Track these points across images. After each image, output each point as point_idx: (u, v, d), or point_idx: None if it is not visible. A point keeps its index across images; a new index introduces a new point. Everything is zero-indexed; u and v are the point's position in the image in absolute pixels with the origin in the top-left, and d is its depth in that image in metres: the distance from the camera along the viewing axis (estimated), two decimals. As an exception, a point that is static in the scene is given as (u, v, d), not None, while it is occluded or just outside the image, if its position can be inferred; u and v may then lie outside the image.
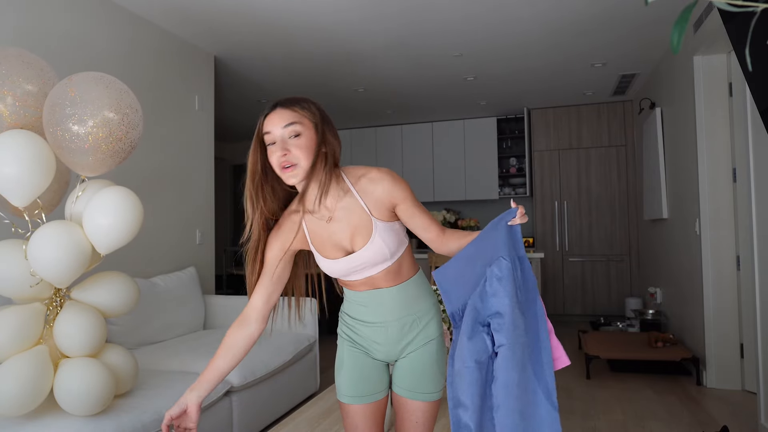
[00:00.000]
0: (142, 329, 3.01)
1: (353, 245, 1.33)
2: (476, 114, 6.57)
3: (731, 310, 3.55)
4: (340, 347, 1.47)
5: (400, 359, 1.43)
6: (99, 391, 1.85)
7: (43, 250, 1.79)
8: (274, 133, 1.25)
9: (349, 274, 1.36)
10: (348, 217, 1.31)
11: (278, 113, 1.26)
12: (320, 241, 1.36)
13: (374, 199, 1.30)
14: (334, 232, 1.33)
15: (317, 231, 1.35)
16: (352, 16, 3.58)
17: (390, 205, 1.32)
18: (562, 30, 3.90)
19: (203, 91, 4.11)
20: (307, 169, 1.25)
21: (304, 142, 1.24)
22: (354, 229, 1.31)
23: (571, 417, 3.09)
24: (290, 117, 1.25)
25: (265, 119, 1.28)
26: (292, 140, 1.24)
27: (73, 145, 1.85)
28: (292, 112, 1.26)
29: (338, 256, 1.34)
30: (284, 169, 1.24)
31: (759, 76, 1.37)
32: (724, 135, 3.57)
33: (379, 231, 1.30)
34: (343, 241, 1.33)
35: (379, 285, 1.38)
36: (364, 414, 1.43)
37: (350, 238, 1.32)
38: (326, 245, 1.35)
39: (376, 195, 1.30)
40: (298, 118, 1.25)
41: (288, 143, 1.24)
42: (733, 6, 0.71)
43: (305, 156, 1.24)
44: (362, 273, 1.36)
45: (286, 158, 1.23)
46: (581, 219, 6.21)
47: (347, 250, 1.34)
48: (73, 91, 1.84)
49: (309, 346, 3.43)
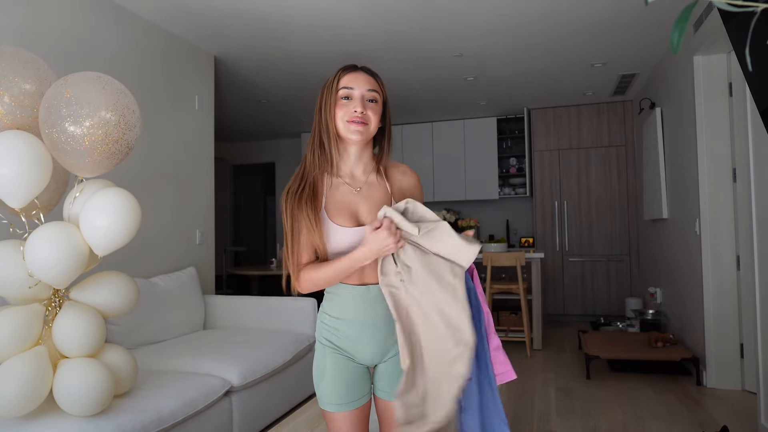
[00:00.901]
0: (142, 329, 3.01)
1: (368, 218, 1.36)
2: (476, 114, 6.57)
3: (731, 310, 3.54)
4: (320, 355, 1.42)
5: (382, 363, 1.42)
6: (98, 392, 1.85)
7: (40, 252, 1.79)
8: (356, 90, 1.35)
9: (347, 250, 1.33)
10: (371, 192, 1.40)
11: (363, 76, 1.37)
12: (335, 207, 1.37)
13: (399, 188, 1.43)
14: (355, 201, 1.38)
15: (337, 196, 1.38)
16: (352, 16, 3.58)
17: None
18: (562, 30, 3.90)
19: (203, 91, 4.11)
20: (371, 133, 1.37)
21: (377, 109, 1.38)
22: (373, 204, 1.38)
23: (571, 417, 3.09)
24: (372, 84, 1.37)
25: (347, 75, 1.37)
26: (369, 103, 1.36)
27: (70, 147, 1.83)
28: (374, 80, 1.38)
29: (348, 225, 1.35)
30: (354, 123, 1.34)
31: (759, 76, 1.37)
32: (724, 135, 3.57)
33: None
34: (361, 213, 1.37)
35: (368, 279, 1.37)
36: (350, 420, 1.40)
37: (368, 211, 1.37)
38: (341, 212, 1.36)
39: (402, 185, 1.44)
40: (377, 88, 1.38)
41: (366, 104, 1.35)
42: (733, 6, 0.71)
43: (375, 120, 1.37)
44: None
45: (362, 115, 1.34)
46: (581, 219, 6.21)
47: (360, 222, 1.36)
48: (69, 91, 1.81)
49: (309, 346, 3.43)
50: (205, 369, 2.65)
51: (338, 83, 1.36)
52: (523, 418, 3.10)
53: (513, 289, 4.60)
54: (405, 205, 1.29)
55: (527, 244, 6.32)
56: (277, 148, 8.08)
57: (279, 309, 3.54)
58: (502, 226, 6.89)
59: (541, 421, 3.05)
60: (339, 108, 1.35)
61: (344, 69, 1.39)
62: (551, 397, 3.48)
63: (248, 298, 3.67)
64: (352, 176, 1.41)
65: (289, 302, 3.54)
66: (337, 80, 1.36)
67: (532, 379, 3.87)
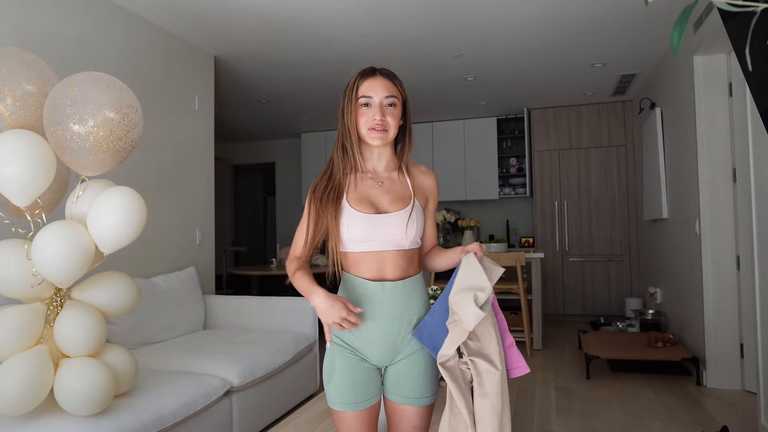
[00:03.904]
0: (142, 329, 3.01)
1: (389, 208, 1.41)
2: (476, 114, 6.57)
3: (731, 310, 3.54)
4: (330, 353, 1.42)
5: (391, 365, 1.41)
6: (99, 391, 1.85)
7: (48, 251, 1.79)
8: (375, 98, 1.39)
9: (367, 238, 1.37)
10: (392, 187, 1.45)
11: (381, 81, 1.40)
12: (357, 197, 1.41)
13: (419, 186, 1.48)
14: (377, 194, 1.42)
15: (361, 189, 1.43)
16: (352, 16, 3.58)
17: (425, 200, 1.48)
18: (562, 30, 3.91)
19: (203, 91, 4.11)
20: (392, 137, 1.41)
21: (397, 113, 1.41)
22: (395, 196, 1.43)
23: (571, 417, 3.09)
24: (391, 89, 1.40)
25: (365, 82, 1.40)
26: (388, 109, 1.39)
27: (74, 145, 1.85)
28: (392, 84, 1.41)
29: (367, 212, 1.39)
30: (375, 130, 1.38)
31: (759, 76, 1.37)
32: (724, 135, 3.57)
33: (416, 208, 1.42)
34: (383, 204, 1.41)
35: (386, 275, 1.39)
36: (358, 420, 1.40)
37: (390, 202, 1.42)
38: (362, 201, 1.41)
39: (422, 184, 1.48)
40: (395, 92, 1.40)
41: (385, 110, 1.39)
42: (733, 6, 0.71)
43: (394, 125, 1.41)
44: (379, 243, 1.37)
45: (382, 122, 1.38)
46: (581, 219, 6.21)
47: (381, 211, 1.40)
48: (74, 90, 1.84)
49: (309, 346, 3.43)
50: (205, 369, 2.65)
51: (357, 91, 1.40)
52: (523, 418, 3.10)
53: (513, 289, 4.60)
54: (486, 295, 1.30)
55: (527, 244, 6.32)
56: (277, 148, 8.08)
57: (279, 309, 3.54)
58: (502, 226, 6.89)
59: (541, 421, 3.05)
60: (360, 116, 1.40)
61: (362, 75, 1.41)
62: (551, 397, 3.48)
63: (248, 298, 3.67)
64: (375, 172, 1.46)
65: (289, 302, 3.54)
66: (357, 87, 1.40)
67: (532, 379, 3.87)
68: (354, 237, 1.38)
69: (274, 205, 9.06)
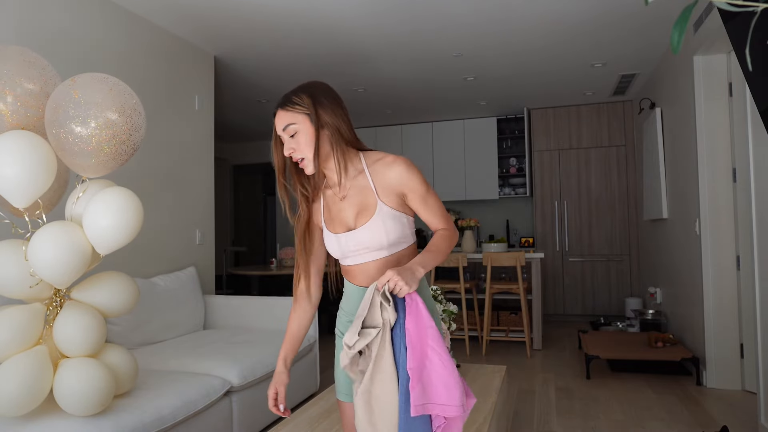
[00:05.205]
0: (142, 329, 3.01)
1: (356, 223, 1.37)
2: (476, 114, 6.57)
3: (731, 310, 3.54)
4: (337, 345, 1.47)
5: None
6: (99, 391, 1.85)
7: (43, 251, 1.79)
8: (279, 134, 1.36)
9: (346, 254, 1.38)
10: (357, 196, 1.37)
11: (278, 116, 1.35)
12: (330, 217, 1.41)
13: (385, 182, 1.35)
14: (343, 208, 1.39)
15: (330, 206, 1.41)
16: (352, 16, 3.58)
17: (400, 192, 1.35)
18: (562, 30, 3.91)
19: (203, 91, 4.11)
20: (313, 159, 1.33)
21: (303, 138, 1.32)
22: (360, 207, 1.36)
23: (571, 417, 3.09)
24: (286, 119, 1.33)
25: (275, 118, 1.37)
26: (292, 139, 1.33)
27: (76, 147, 1.84)
28: (286, 113, 1.33)
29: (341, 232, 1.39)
30: (297, 163, 1.36)
31: (759, 76, 1.37)
32: (724, 135, 3.57)
33: (383, 214, 1.34)
34: (348, 219, 1.38)
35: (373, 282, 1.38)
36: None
37: (355, 216, 1.37)
38: (335, 221, 1.40)
39: (388, 179, 1.35)
40: (291, 119, 1.33)
41: (291, 142, 1.33)
42: (733, 6, 0.71)
43: (308, 149, 1.33)
44: (359, 256, 1.37)
45: (294, 155, 1.34)
46: (581, 219, 6.21)
47: (350, 227, 1.38)
48: (77, 92, 1.83)
49: (309, 346, 3.43)
50: (205, 369, 2.65)
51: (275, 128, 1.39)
52: (523, 418, 3.10)
53: (513, 289, 4.60)
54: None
55: (527, 244, 6.32)
56: (277, 148, 8.06)
57: (279, 309, 3.54)
58: (502, 226, 6.89)
59: (541, 421, 3.05)
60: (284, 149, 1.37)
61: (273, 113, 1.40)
62: (551, 397, 3.48)
63: (248, 298, 3.67)
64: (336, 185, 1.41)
65: (289, 302, 3.54)
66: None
67: (532, 379, 3.87)
68: (336, 255, 1.41)
69: (274, 205, 9.05)
